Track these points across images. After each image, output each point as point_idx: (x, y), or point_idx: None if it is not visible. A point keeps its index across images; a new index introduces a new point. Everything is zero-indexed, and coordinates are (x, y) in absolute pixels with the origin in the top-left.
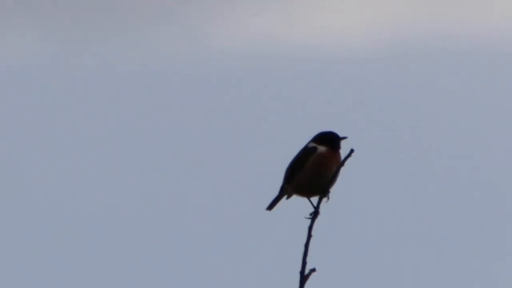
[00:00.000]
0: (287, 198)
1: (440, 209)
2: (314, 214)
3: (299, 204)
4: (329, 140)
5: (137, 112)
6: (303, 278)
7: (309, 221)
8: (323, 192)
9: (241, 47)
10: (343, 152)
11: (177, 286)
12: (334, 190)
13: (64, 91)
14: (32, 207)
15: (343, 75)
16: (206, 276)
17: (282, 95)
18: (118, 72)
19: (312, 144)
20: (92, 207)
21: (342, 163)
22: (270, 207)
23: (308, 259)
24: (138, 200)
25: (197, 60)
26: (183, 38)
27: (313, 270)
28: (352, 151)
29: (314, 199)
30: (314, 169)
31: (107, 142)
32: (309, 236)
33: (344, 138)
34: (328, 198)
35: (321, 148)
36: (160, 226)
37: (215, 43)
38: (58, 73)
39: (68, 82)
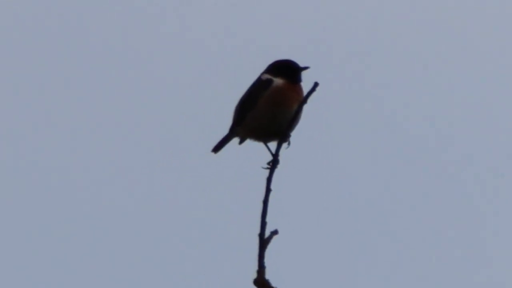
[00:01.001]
0: (240, 143)
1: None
2: (273, 163)
3: (254, 150)
4: (287, 70)
5: None
6: (263, 242)
7: (267, 171)
8: (283, 135)
9: None
10: (305, 86)
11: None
12: (295, 133)
13: None
14: None
15: None
16: (141, 237)
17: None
18: None
19: (267, 76)
20: None
21: (304, 100)
22: (216, 148)
23: (268, 219)
24: None
25: None
26: None
27: (274, 232)
28: (316, 84)
29: (272, 145)
30: (270, 107)
31: None
32: (268, 190)
33: (305, 68)
34: (289, 143)
35: (278, 81)
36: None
37: None
38: None
39: None
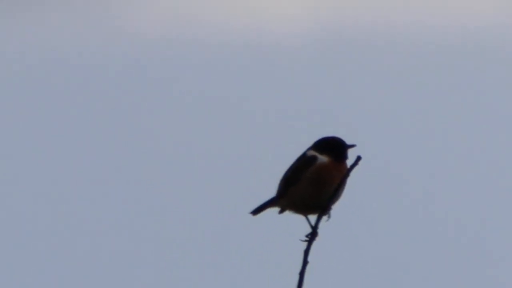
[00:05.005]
0: (280, 212)
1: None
2: (312, 235)
3: (294, 221)
4: (333, 148)
5: (55, 108)
6: None
7: (305, 244)
8: (323, 208)
9: (163, 31)
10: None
11: None
12: (336, 206)
13: None
14: None
15: (283, 63)
16: None
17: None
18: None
19: (312, 152)
20: None
21: (347, 174)
22: (256, 211)
23: None
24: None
25: (109, 45)
26: (91, 22)
27: None
28: (359, 158)
29: (312, 217)
30: (312, 184)
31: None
32: (305, 262)
33: (352, 146)
34: (329, 216)
35: (322, 158)
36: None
37: (129, 26)
38: None
39: None
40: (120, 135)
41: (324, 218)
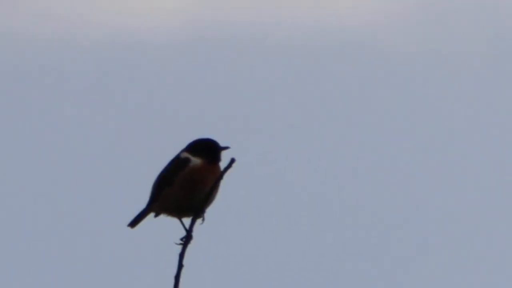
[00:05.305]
0: (155, 216)
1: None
2: (186, 239)
3: (169, 225)
4: (207, 150)
5: None
6: None
7: (180, 247)
8: (197, 212)
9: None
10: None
11: None
12: (211, 209)
13: None
14: None
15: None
16: None
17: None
18: None
19: (185, 155)
20: None
21: (220, 176)
22: (133, 223)
23: None
24: None
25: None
26: None
27: None
28: (232, 161)
29: (187, 220)
30: (185, 187)
31: None
32: (180, 265)
33: (225, 148)
34: (203, 219)
35: (195, 161)
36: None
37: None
38: None
39: None
40: None
41: (199, 221)
